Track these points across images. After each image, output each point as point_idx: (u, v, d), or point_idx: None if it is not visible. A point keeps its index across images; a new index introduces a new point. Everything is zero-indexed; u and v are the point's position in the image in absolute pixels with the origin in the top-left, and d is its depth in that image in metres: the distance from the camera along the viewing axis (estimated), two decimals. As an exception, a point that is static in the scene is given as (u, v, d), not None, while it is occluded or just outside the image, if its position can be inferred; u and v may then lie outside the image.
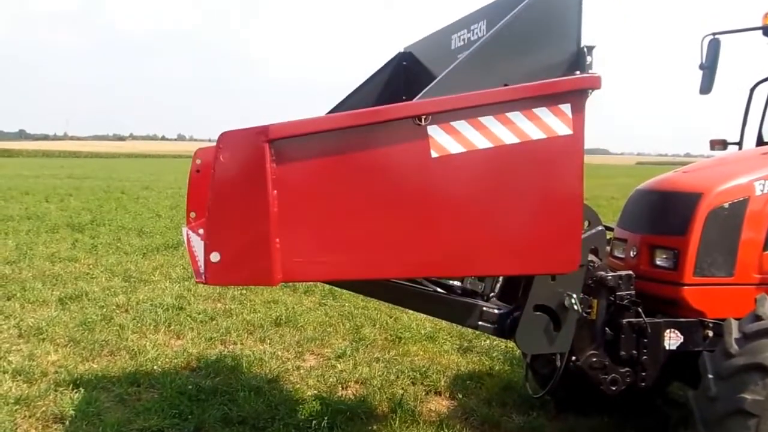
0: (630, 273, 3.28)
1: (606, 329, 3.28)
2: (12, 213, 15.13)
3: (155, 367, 5.08)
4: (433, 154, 2.23)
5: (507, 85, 2.48)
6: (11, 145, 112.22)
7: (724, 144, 4.76)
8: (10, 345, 5.56)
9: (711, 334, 3.23)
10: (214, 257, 2.07)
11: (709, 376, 2.76)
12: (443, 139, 2.24)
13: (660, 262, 3.40)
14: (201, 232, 2.52)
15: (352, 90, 3.87)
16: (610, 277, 3.19)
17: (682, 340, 3.28)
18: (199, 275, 2.20)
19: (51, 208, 17.00)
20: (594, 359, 3.26)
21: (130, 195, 22.26)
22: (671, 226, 3.40)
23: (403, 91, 3.86)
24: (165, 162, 73.98)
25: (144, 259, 9.78)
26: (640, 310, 3.24)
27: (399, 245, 2.26)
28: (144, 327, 6.14)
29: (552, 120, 2.32)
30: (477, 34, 3.20)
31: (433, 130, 2.23)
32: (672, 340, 3.28)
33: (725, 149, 4.76)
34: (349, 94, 3.85)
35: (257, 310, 6.88)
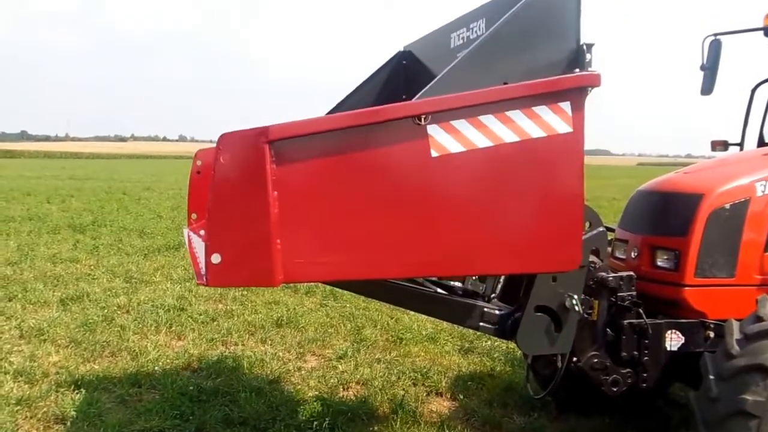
0: (631, 274, 3.27)
1: (607, 330, 3.27)
2: (14, 214, 15.16)
3: (156, 368, 5.08)
4: (433, 153, 2.23)
5: (506, 84, 2.47)
6: (13, 146, 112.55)
7: (725, 145, 4.76)
8: (11, 346, 5.56)
9: (712, 335, 3.22)
10: (215, 258, 2.07)
11: (711, 377, 2.75)
12: (443, 139, 2.24)
13: (661, 263, 3.40)
14: (202, 233, 2.52)
15: (352, 90, 3.88)
16: (611, 278, 3.18)
17: (683, 341, 3.27)
18: (201, 277, 2.20)
19: (52, 209, 17.03)
20: (595, 360, 3.25)
21: (131, 196, 22.31)
22: (672, 227, 3.40)
23: (403, 90, 3.86)
24: (166, 163, 74.07)
25: (145, 260, 9.78)
26: (641, 311, 3.23)
27: (399, 245, 2.25)
28: (145, 328, 6.14)
29: (552, 118, 2.31)
30: (476, 32, 3.20)
31: (433, 129, 2.22)
32: (673, 341, 3.27)
33: (726, 150, 4.75)
34: (349, 93, 3.85)
35: (258, 311, 6.87)
